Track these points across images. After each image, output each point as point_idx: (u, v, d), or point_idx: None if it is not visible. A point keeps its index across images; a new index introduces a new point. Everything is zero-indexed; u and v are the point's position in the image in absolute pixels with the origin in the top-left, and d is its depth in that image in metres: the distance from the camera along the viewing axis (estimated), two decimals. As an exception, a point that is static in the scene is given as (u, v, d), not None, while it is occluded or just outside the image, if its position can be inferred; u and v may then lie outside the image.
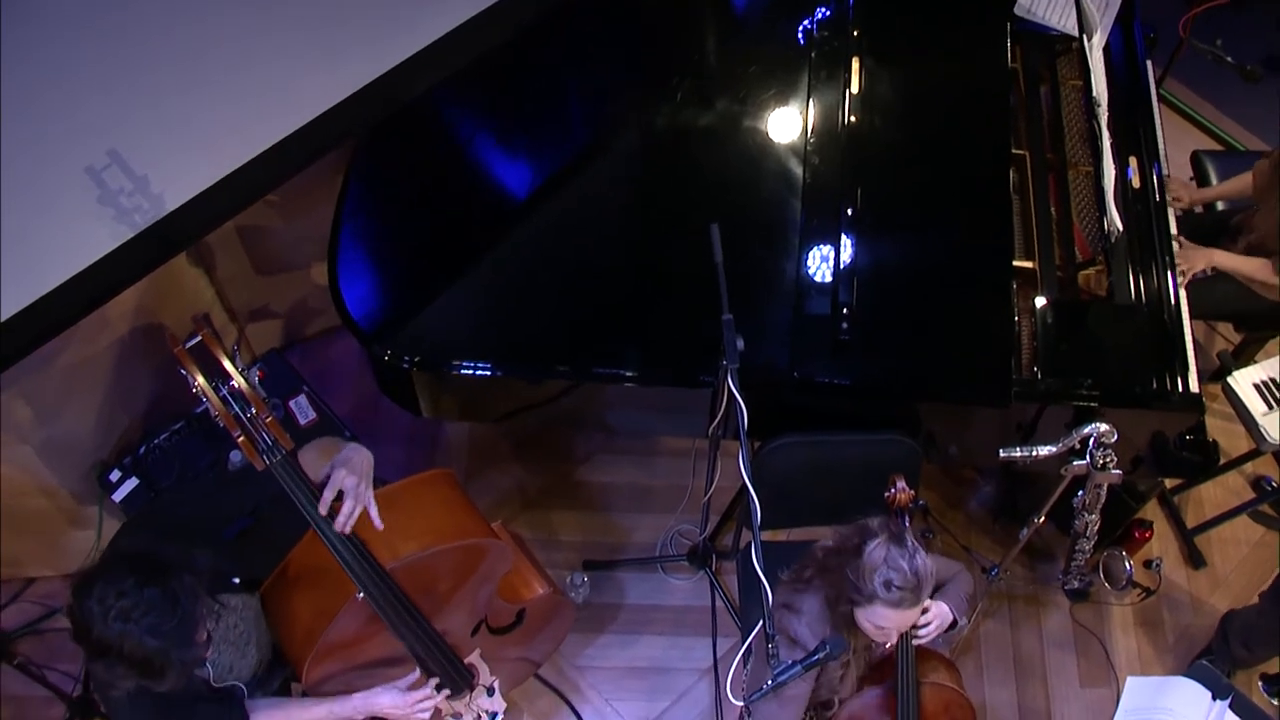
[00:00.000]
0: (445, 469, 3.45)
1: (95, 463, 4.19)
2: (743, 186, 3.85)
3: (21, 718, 4.29)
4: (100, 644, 2.60)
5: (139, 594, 2.59)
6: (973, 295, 3.70)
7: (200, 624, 2.74)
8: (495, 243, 3.78)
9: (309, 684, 3.23)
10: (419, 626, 3.21)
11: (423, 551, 3.15)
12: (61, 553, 4.40)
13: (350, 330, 3.64)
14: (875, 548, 2.93)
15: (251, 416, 2.78)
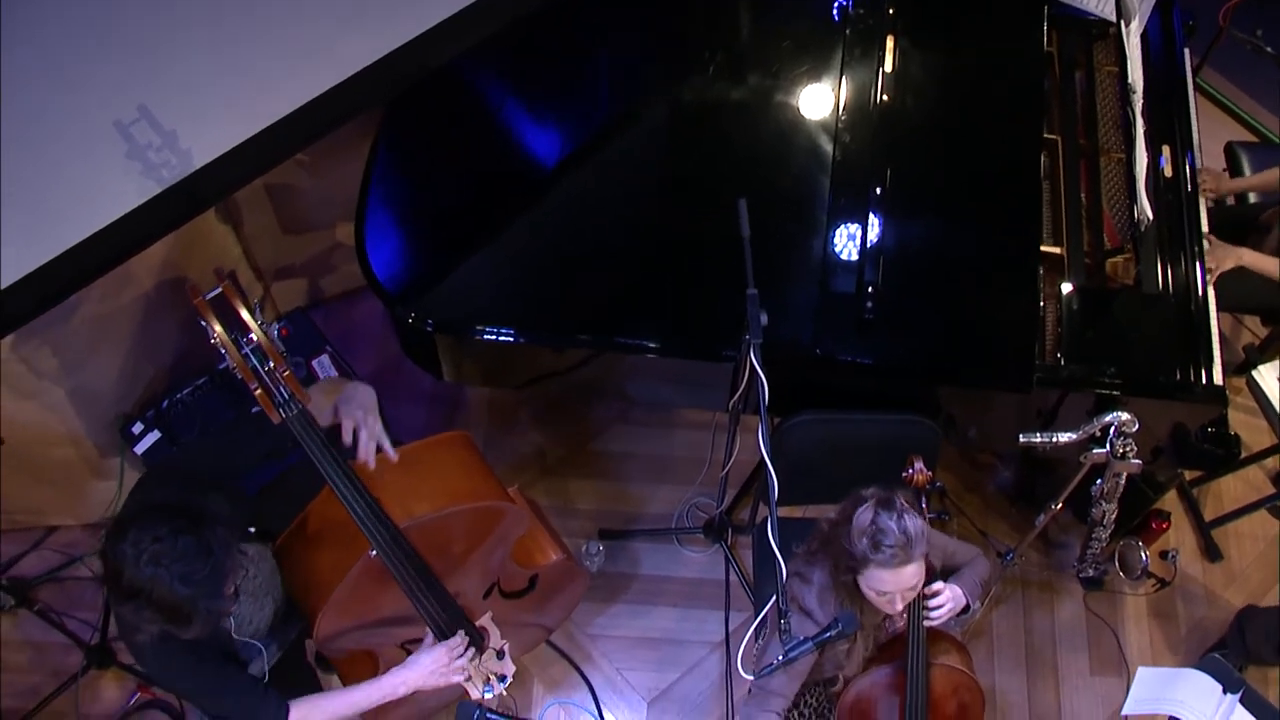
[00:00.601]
0: (462, 431, 3.47)
1: (118, 415, 4.22)
2: (772, 162, 3.83)
3: (41, 663, 4.34)
4: (131, 587, 2.63)
5: (174, 541, 2.63)
6: (999, 279, 3.69)
7: (230, 576, 2.77)
8: (522, 210, 3.78)
9: (320, 638, 3.25)
10: (431, 586, 3.23)
11: (437, 512, 3.17)
12: (83, 502, 4.44)
13: (375, 292, 3.64)
14: (863, 511, 2.97)
15: (269, 370, 2.79)
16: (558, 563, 3.77)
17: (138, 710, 4.29)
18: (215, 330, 2.73)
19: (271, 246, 4.60)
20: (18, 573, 4.48)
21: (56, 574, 4.51)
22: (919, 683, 3.21)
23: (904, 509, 2.95)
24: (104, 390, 4.13)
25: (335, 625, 3.26)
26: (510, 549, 3.54)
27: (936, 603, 3.21)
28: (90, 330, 3.93)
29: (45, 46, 2.96)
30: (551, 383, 3.95)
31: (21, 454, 4.00)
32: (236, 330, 2.77)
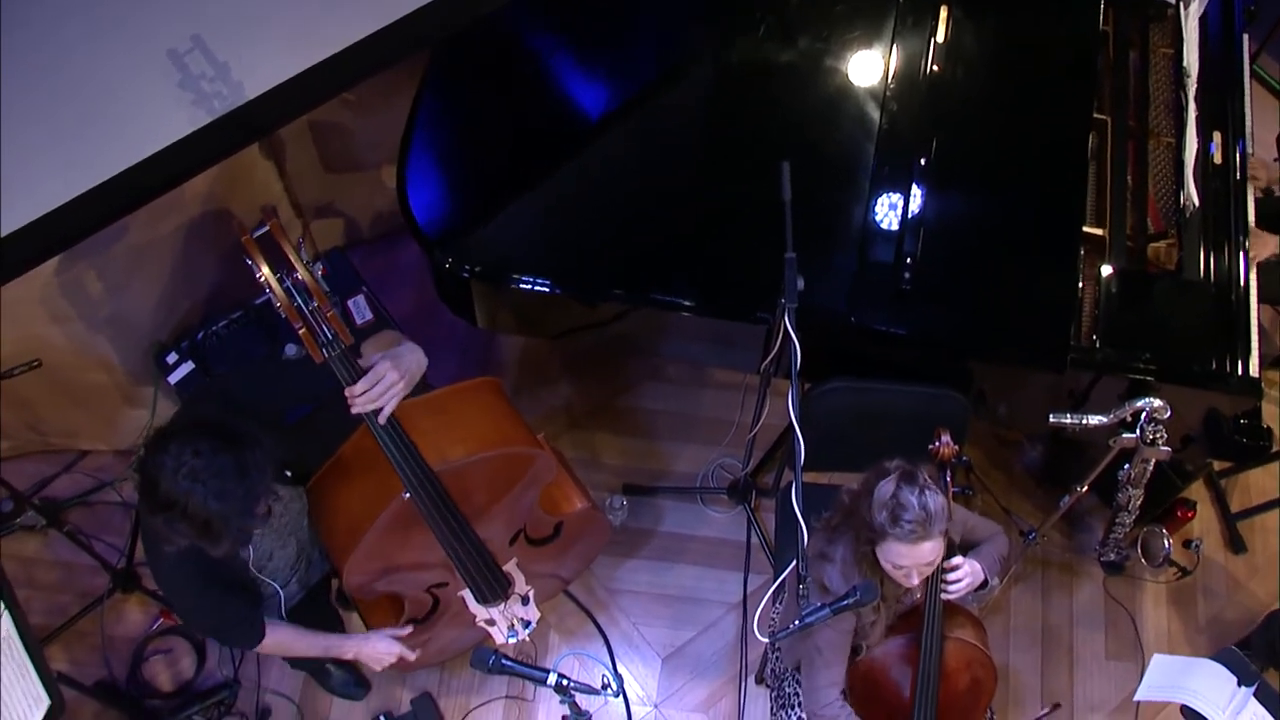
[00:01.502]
0: (492, 378, 3.49)
1: (154, 343, 4.26)
2: (817, 126, 3.81)
3: (69, 583, 4.41)
4: (166, 499, 2.67)
5: (213, 457, 2.66)
6: (1039, 257, 3.66)
7: (263, 498, 2.81)
8: (564, 161, 3.78)
9: (348, 579, 3.29)
10: (461, 530, 3.26)
11: (470, 456, 3.19)
12: (115, 429, 4.49)
13: (414, 235, 3.66)
14: (884, 484, 2.96)
15: (314, 309, 2.80)
16: (583, 511, 3.79)
17: (159, 635, 4.36)
18: (261, 269, 2.74)
19: (313, 185, 4.61)
20: (49, 494, 4.55)
21: (87, 497, 4.57)
22: (932, 655, 3.22)
23: (926, 484, 2.94)
24: (141, 318, 4.17)
25: (364, 567, 3.29)
26: (538, 495, 3.57)
27: (954, 577, 3.22)
28: (131, 258, 3.96)
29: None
30: (585, 335, 3.97)
31: (58, 377, 4.05)
32: (282, 269, 2.78)
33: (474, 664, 3.01)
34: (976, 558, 3.29)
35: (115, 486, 4.58)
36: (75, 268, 3.77)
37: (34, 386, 3.99)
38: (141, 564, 4.35)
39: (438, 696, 4.25)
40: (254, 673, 4.29)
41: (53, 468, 4.60)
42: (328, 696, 4.26)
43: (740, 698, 4.25)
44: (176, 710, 4.18)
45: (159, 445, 2.71)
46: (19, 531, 4.44)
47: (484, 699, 4.26)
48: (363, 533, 3.18)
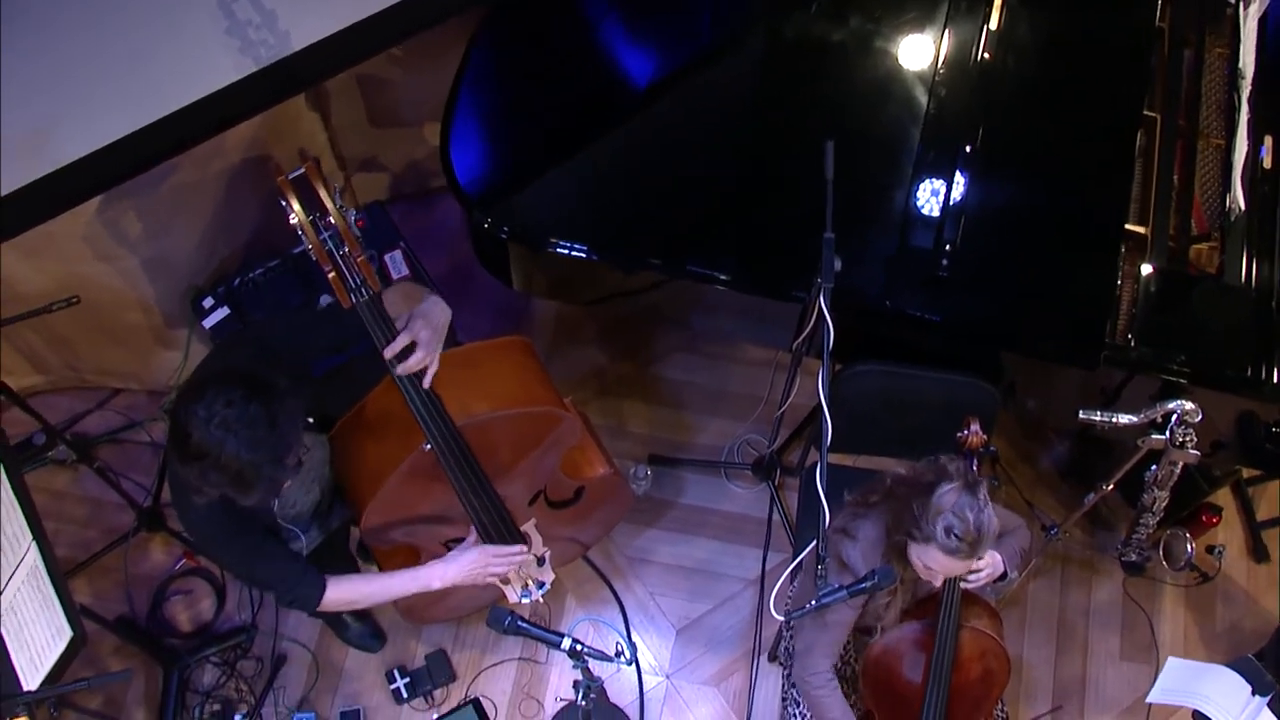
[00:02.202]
0: (523, 337, 3.50)
1: (190, 287, 4.29)
2: (864, 107, 3.80)
3: (95, 519, 4.47)
4: (199, 449, 2.68)
5: (245, 407, 2.68)
6: (1079, 252, 3.64)
7: (294, 447, 2.83)
8: (608, 129, 3.78)
9: (366, 528, 3.32)
10: (480, 486, 3.27)
11: (494, 412, 3.21)
12: (149, 369, 4.53)
13: (454, 194, 3.67)
14: (947, 491, 2.91)
15: (344, 254, 2.81)
16: (606, 476, 3.80)
17: (181, 576, 4.40)
18: (294, 209, 2.75)
19: (357, 138, 4.62)
20: (81, 430, 4.60)
21: (117, 435, 4.62)
22: (947, 643, 3.22)
23: (986, 501, 2.91)
24: (180, 261, 4.19)
25: (382, 516, 3.32)
26: (561, 458, 3.58)
27: (974, 567, 3.22)
28: (173, 201, 3.98)
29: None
30: (619, 303, 3.97)
31: (96, 315, 4.09)
32: (315, 212, 2.79)
33: (490, 623, 3.04)
34: (997, 549, 3.29)
35: (145, 426, 4.62)
36: (118, 208, 3.80)
37: (71, 323, 4.04)
38: (167, 504, 4.39)
39: (451, 653, 4.28)
40: (272, 619, 4.33)
41: (85, 404, 4.65)
42: (343, 647, 4.30)
43: (752, 674, 4.27)
44: (194, 650, 4.23)
45: (191, 395, 2.72)
46: (50, 465, 4.50)
47: (497, 659, 4.29)
48: (383, 481, 3.20)
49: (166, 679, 4.17)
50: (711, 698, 4.26)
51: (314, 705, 4.21)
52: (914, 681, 3.29)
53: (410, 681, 4.21)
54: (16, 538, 3.15)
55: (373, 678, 4.27)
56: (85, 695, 3.71)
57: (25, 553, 3.13)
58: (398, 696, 4.20)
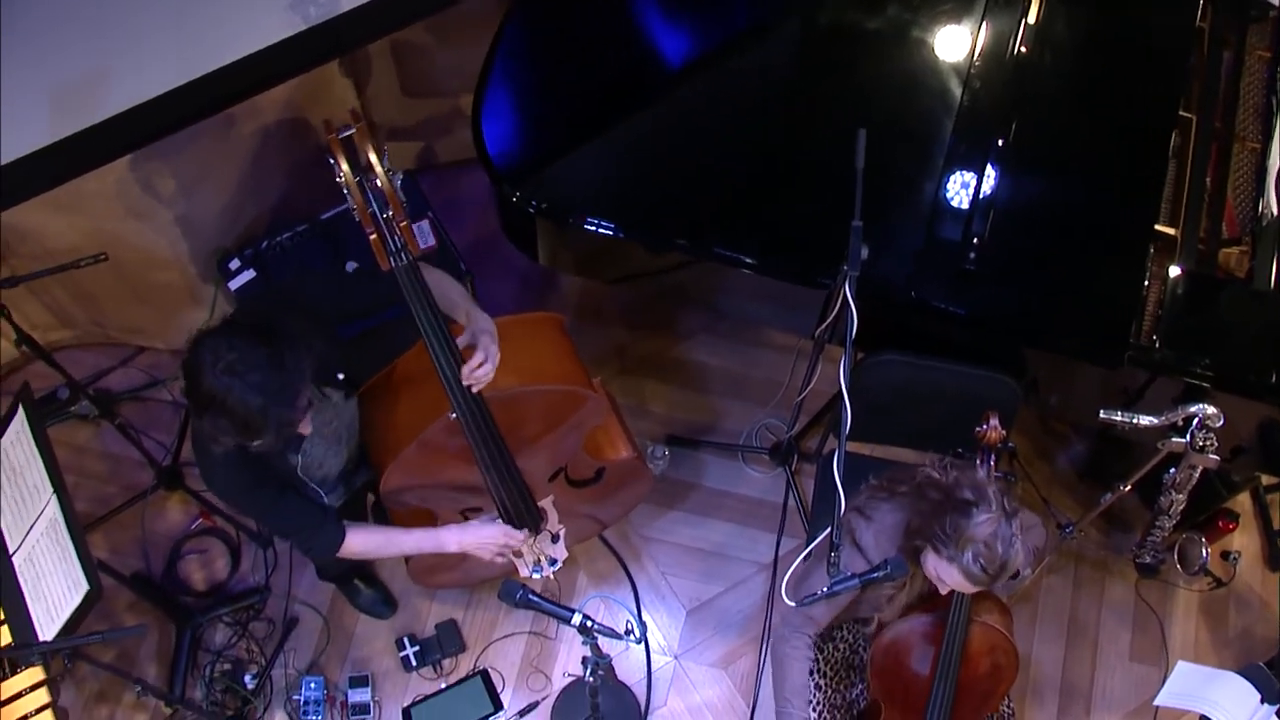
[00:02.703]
0: (556, 314, 3.52)
1: (218, 248, 4.30)
2: (897, 97, 3.78)
3: (115, 475, 4.51)
4: (207, 395, 2.71)
5: (248, 351, 2.70)
6: (1107, 250, 3.62)
7: (303, 391, 2.83)
8: (640, 107, 3.78)
9: (386, 490, 3.34)
10: (502, 458, 3.29)
11: (521, 387, 3.22)
12: (174, 328, 4.55)
13: (484, 166, 3.67)
14: (984, 521, 2.88)
15: (388, 217, 2.83)
16: (627, 460, 3.81)
17: (198, 535, 4.43)
18: (342, 168, 2.77)
19: (389, 106, 4.63)
20: (104, 386, 4.63)
21: (139, 393, 4.65)
22: (957, 636, 3.22)
23: (1016, 534, 2.89)
24: (208, 222, 4.21)
25: (402, 479, 3.34)
26: (584, 437, 3.59)
27: None
28: (204, 161, 4.00)
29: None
30: (644, 282, 3.98)
31: (123, 273, 4.11)
32: (362, 173, 2.80)
33: (501, 596, 3.06)
34: None
35: (168, 385, 4.64)
36: (148, 166, 3.81)
37: (99, 280, 4.05)
38: (186, 463, 4.42)
39: (462, 624, 4.30)
40: (285, 582, 4.36)
41: (110, 361, 4.68)
42: (355, 612, 4.33)
43: (760, 658, 4.27)
44: (207, 609, 4.26)
45: (197, 344, 2.76)
46: (73, 420, 4.53)
47: (507, 631, 4.31)
48: (406, 444, 3.23)
49: (179, 636, 4.20)
50: (719, 680, 4.28)
51: (323, 669, 4.24)
52: (922, 673, 3.29)
53: (420, 650, 4.23)
54: (37, 489, 3.18)
55: (382, 644, 4.29)
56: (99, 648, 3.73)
57: (45, 505, 3.16)
58: (406, 664, 4.23)
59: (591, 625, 3.07)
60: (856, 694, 3.55)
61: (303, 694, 4.14)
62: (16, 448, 3.24)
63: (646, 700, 4.23)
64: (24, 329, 3.62)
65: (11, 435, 3.25)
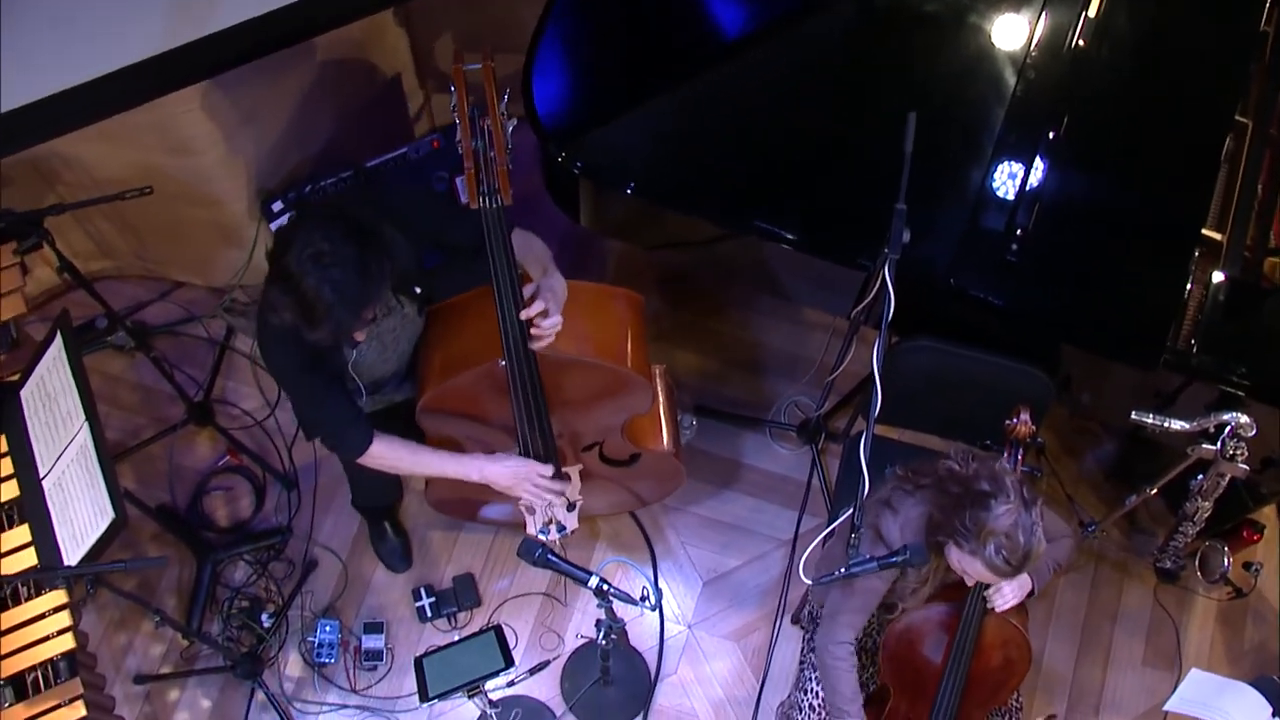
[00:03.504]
0: (638, 295, 3.52)
1: (262, 190, 4.32)
2: (951, 81, 3.75)
3: (147, 407, 4.56)
4: (285, 270, 2.75)
5: (340, 247, 2.74)
6: (1151, 251, 3.60)
7: (374, 304, 2.88)
8: (691, 77, 3.75)
9: (422, 411, 3.39)
10: (539, 417, 3.33)
11: (576, 356, 3.25)
12: (212, 266, 4.58)
13: (531, 124, 3.66)
14: (1003, 513, 2.88)
15: (490, 157, 2.86)
16: (663, 454, 3.82)
17: (224, 472, 4.47)
18: (460, 99, 2.81)
19: (441, 58, 4.62)
20: (141, 318, 4.67)
21: (175, 327, 4.68)
22: (971, 627, 3.22)
23: (1036, 523, 2.89)
24: (255, 162, 4.22)
25: (441, 404, 3.38)
26: (626, 421, 3.60)
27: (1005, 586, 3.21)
28: (252, 102, 4.01)
29: None
30: (683, 251, 3.97)
31: (167, 207, 4.13)
32: (477, 109, 2.85)
33: (520, 553, 3.07)
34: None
35: (204, 322, 4.68)
36: (199, 103, 3.82)
37: (143, 213, 4.08)
38: (218, 400, 4.47)
39: (479, 579, 4.33)
40: (307, 524, 4.40)
41: (148, 294, 4.72)
42: (374, 560, 4.37)
43: (773, 634, 4.29)
44: (229, 546, 4.30)
45: (299, 220, 2.82)
46: (108, 350, 4.57)
47: (523, 591, 4.34)
48: (451, 375, 3.27)
49: (199, 571, 4.25)
50: (730, 652, 4.29)
51: (339, 613, 4.28)
52: (934, 661, 3.30)
53: (435, 601, 4.26)
54: (70, 416, 3.21)
55: (399, 594, 4.33)
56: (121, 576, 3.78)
57: (77, 432, 3.19)
58: (421, 615, 4.26)
59: (608, 589, 3.09)
60: (867, 677, 3.55)
61: (317, 636, 4.19)
62: (53, 374, 3.27)
63: (657, 667, 4.25)
64: (66, 256, 3.65)
65: (49, 361, 3.28)
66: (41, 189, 4.08)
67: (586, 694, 4.11)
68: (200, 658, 4.21)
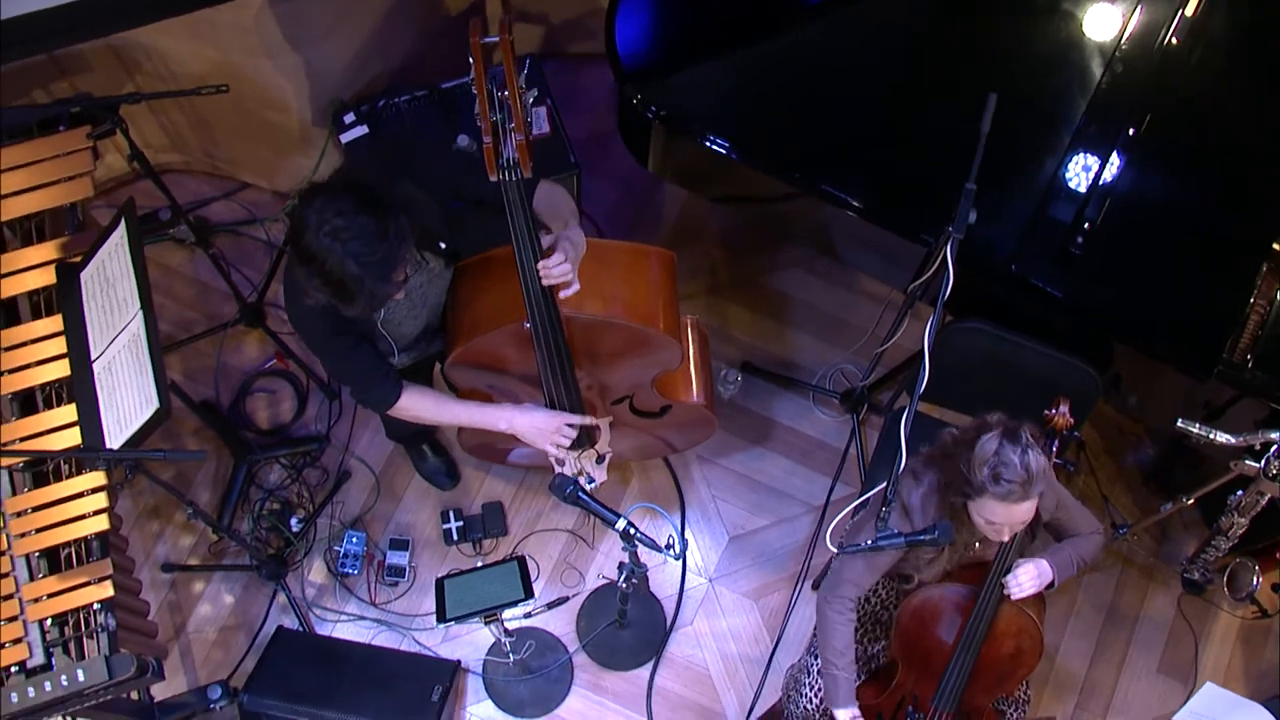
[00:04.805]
0: (669, 252, 3.50)
1: (335, 99, 4.33)
2: (1036, 67, 3.69)
3: (201, 302, 4.62)
4: (306, 252, 2.76)
5: (354, 218, 2.73)
6: (1217, 261, 3.55)
7: (401, 265, 2.87)
8: (776, 32, 3.72)
9: (449, 365, 3.40)
10: (566, 376, 3.35)
11: (603, 316, 3.24)
12: (279, 170, 4.61)
13: (610, 63, 3.66)
14: (987, 440, 2.92)
15: (509, 129, 2.82)
16: (694, 406, 3.82)
17: (269, 375, 4.53)
18: (477, 73, 2.76)
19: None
20: (204, 214, 4.70)
21: (237, 227, 4.72)
22: (986, 612, 3.22)
23: (1029, 443, 2.90)
24: (332, 71, 4.23)
25: (468, 359, 3.39)
26: (656, 375, 3.60)
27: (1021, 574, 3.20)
28: (337, 11, 4.02)
29: None
30: (748, 206, 3.96)
31: (241, 108, 4.16)
32: (495, 81, 2.80)
33: (552, 488, 3.10)
34: (1053, 555, 3.26)
35: (265, 225, 4.71)
36: (286, 7, 3.84)
37: (216, 110, 4.11)
38: (270, 303, 4.51)
39: (508, 509, 4.37)
40: (345, 435, 4.45)
41: (214, 191, 4.76)
42: (406, 475, 4.41)
43: (793, 597, 4.31)
44: (267, 448, 4.37)
45: (308, 198, 2.79)
46: (169, 242, 4.62)
47: (550, 526, 4.38)
48: (478, 334, 3.28)
49: (235, 469, 4.32)
50: (748, 610, 4.32)
51: (367, 526, 4.34)
52: (945, 641, 3.30)
53: (463, 525, 4.31)
54: (126, 303, 3.25)
55: (428, 514, 4.38)
56: (159, 465, 3.83)
57: (131, 319, 3.23)
58: (448, 537, 4.31)
59: (634, 533, 3.10)
60: (879, 649, 3.57)
61: (344, 546, 4.25)
62: (114, 259, 3.31)
63: (674, 616, 4.29)
64: (138, 145, 3.68)
65: (110, 247, 3.32)
66: (120, 77, 4.11)
67: (601, 634, 4.16)
68: (227, 554, 4.29)
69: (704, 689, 4.22)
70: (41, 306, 3.45)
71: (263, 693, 3.83)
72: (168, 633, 4.17)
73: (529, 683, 4.14)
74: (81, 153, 3.51)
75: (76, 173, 3.50)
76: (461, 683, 4.15)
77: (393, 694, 3.88)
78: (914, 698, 3.45)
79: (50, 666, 3.12)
